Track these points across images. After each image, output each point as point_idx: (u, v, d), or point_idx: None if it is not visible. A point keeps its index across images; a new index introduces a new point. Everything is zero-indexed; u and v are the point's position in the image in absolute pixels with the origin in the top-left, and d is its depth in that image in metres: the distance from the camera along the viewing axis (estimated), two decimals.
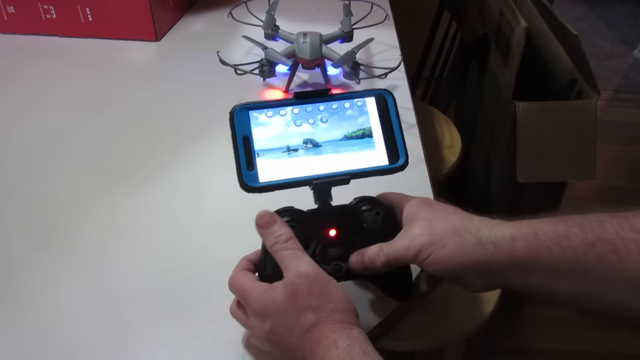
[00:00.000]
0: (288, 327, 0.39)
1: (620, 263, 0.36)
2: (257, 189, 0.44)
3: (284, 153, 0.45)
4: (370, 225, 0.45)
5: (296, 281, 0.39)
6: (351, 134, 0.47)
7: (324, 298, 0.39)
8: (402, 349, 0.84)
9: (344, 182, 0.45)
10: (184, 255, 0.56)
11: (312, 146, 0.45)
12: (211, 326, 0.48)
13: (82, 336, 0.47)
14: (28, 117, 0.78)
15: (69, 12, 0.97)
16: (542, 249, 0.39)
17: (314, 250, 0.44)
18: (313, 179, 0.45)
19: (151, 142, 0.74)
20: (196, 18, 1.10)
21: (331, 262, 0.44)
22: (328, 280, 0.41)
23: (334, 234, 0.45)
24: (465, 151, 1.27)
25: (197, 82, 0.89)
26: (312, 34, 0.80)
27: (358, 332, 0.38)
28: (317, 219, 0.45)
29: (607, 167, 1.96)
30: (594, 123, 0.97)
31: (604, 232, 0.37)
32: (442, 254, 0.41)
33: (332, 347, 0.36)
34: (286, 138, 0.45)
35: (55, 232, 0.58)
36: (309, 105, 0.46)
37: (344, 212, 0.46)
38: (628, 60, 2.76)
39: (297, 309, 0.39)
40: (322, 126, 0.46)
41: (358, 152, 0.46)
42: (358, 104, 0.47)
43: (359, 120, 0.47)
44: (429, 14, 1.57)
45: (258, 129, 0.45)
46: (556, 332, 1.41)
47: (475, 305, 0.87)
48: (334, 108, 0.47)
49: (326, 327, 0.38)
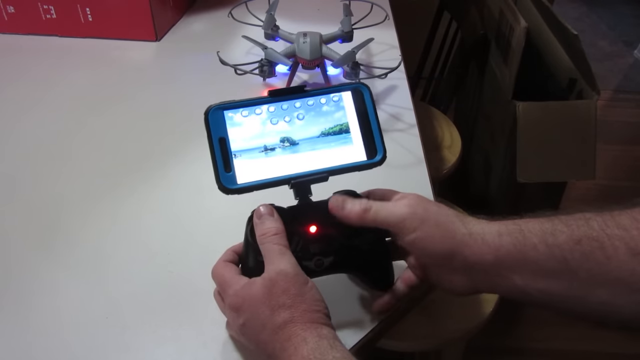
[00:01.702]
0: (261, 322, 0.40)
1: (607, 261, 0.36)
2: (235, 190, 0.43)
3: (261, 153, 0.45)
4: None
5: (275, 278, 0.40)
6: (328, 130, 0.46)
7: (299, 298, 0.40)
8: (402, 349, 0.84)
9: (323, 179, 0.45)
10: (183, 255, 0.56)
11: (289, 144, 0.45)
12: (211, 326, 0.48)
13: (82, 336, 0.47)
14: (28, 117, 0.78)
15: (69, 12, 0.97)
16: (528, 246, 0.38)
17: (296, 247, 0.44)
18: (291, 178, 0.45)
19: (151, 142, 0.74)
20: (196, 18, 1.10)
21: (312, 257, 0.45)
22: (305, 282, 0.41)
23: (315, 230, 0.45)
24: (465, 151, 1.27)
25: (197, 82, 0.89)
26: (312, 34, 0.80)
27: (328, 331, 0.39)
28: (297, 215, 0.45)
29: (607, 167, 1.96)
30: (594, 123, 0.97)
31: (590, 229, 0.37)
32: (432, 232, 0.41)
33: (302, 343, 0.38)
34: (263, 137, 0.45)
35: (55, 232, 0.58)
36: (284, 102, 0.46)
37: (323, 208, 0.46)
38: (628, 60, 2.76)
39: (271, 306, 0.40)
40: (299, 123, 0.46)
41: (335, 148, 0.46)
42: (334, 99, 0.47)
43: (336, 115, 0.47)
44: (429, 14, 1.57)
45: (234, 129, 0.45)
46: (556, 332, 1.41)
47: (475, 305, 0.87)
48: (310, 104, 0.46)
49: (297, 326, 0.39)
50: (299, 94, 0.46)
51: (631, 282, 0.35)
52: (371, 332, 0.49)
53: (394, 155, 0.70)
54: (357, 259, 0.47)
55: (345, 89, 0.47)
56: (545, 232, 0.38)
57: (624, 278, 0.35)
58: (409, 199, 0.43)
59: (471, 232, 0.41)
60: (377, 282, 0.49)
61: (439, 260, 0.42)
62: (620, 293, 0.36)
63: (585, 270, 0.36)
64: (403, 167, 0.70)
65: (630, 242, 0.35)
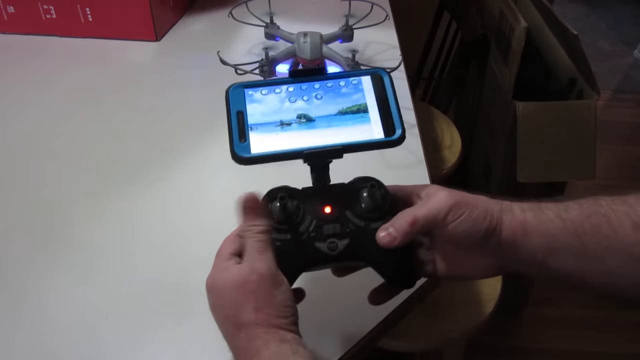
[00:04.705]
0: (224, 313, 0.40)
1: (614, 234, 0.39)
2: (249, 159, 0.43)
3: (277, 127, 0.45)
4: (367, 203, 0.44)
5: (247, 276, 0.40)
6: (346, 110, 0.46)
7: (267, 302, 0.39)
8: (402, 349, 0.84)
9: (337, 154, 0.44)
10: (184, 254, 0.56)
11: (306, 121, 0.45)
12: (211, 326, 0.48)
13: (82, 336, 0.47)
14: (28, 117, 0.78)
15: (69, 12, 0.97)
16: (546, 220, 0.41)
17: (308, 226, 0.43)
18: (305, 150, 0.44)
19: (151, 141, 0.74)
20: (196, 18, 1.10)
21: (326, 239, 0.43)
22: (278, 285, 0.40)
23: (330, 210, 0.44)
24: (465, 151, 1.27)
25: (197, 82, 0.89)
26: (312, 33, 0.80)
27: (292, 337, 0.39)
28: (312, 195, 0.44)
29: (607, 167, 1.96)
30: (594, 123, 0.97)
31: (599, 206, 0.40)
32: (475, 214, 0.41)
33: (263, 347, 0.37)
34: (280, 113, 0.45)
35: (55, 232, 0.58)
36: (304, 83, 0.46)
37: (341, 190, 0.45)
38: (628, 60, 2.76)
39: (236, 302, 0.39)
40: (317, 102, 0.46)
41: (353, 126, 0.46)
42: (353, 82, 0.47)
43: (354, 96, 0.47)
44: (429, 14, 1.57)
45: (252, 105, 0.45)
46: (556, 332, 1.41)
47: (475, 305, 0.87)
48: (329, 86, 0.47)
49: (260, 329, 0.38)
50: (319, 75, 0.47)
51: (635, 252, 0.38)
52: (371, 332, 0.49)
53: (394, 156, 0.70)
54: (374, 246, 0.43)
55: (365, 74, 0.47)
56: (559, 208, 0.41)
57: (630, 249, 0.38)
58: (441, 189, 0.43)
59: (502, 207, 0.42)
60: (396, 277, 0.45)
61: (479, 241, 0.42)
62: (627, 263, 0.39)
63: (594, 242, 0.39)
64: (403, 167, 0.70)
65: (634, 216, 0.38)
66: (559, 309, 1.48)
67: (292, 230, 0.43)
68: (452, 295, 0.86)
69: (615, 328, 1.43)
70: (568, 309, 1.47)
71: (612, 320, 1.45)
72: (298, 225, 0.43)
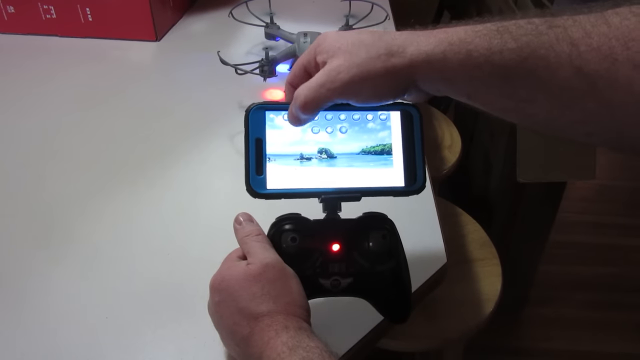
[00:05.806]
0: (236, 306, 0.40)
1: (550, 79, 0.35)
2: (264, 195, 0.42)
3: (297, 161, 0.43)
4: (375, 246, 0.44)
5: (261, 269, 0.40)
6: (369, 149, 0.44)
7: (285, 291, 0.40)
8: (402, 349, 0.84)
9: (355, 199, 0.43)
10: (184, 254, 0.56)
11: (327, 157, 0.43)
12: (211, 326, 0.48)
13: (82, 336, 0.47)
14: (27, 117, 0.78)
15: (69, 12, 0.97)
16: (474, 67, 0.37)
17: (315, 263, 0.43)
18: (323, 192, 0.43)
19: (151, 141, 0.74)
20: (196, 18, 1.10)
21: (330, 276, 0.43)
22: (293, 275, 0.41)
23: (337, 248, 0.43)
24: (465, 151, 1.27)
25: (197, 82, 0.89)
26: (312, 33, 0.80)
27: (307, 326, 0.39)
28: (322, 230, 0.44)
29: (607, 167, 1.96)
30: None
31: (540, 46, 0.35)
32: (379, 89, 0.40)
33: (283, 330, 0.37)
34: (301, 145, 0.43)
35: (54, 232, 0.58)
36: (329, 112, 0.44)
37: (350, 227, 0.44)
38: None
39: (252, 292, 0.39)
40: (340, 137, 0.44)
41: (374, 168, 0.44)
42: (382, 117, 0.45)
43: (380, 134, 0.44)
44: (429, 14, 1.57)
45: (273, 131, 0.43)
46: (556, 332, 1.41)
47: (475, 305, 0.87)
48: (355, 118, 0.44)
49: (280, 315, 0.39)
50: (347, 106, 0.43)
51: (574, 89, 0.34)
52: (371, 332, 0.49)
53: None
54: (376, 285, 0.44)
55: (395, 109, 0.45)
56: (493, 52, 0.37)
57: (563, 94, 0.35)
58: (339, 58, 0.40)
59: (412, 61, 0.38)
60: (392, 313, 0.46)
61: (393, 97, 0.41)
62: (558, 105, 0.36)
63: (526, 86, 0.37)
64: None
65: (576, 60, 0.34)
66: (559, 309, 1.48)
67: (297, 266, 0.42)
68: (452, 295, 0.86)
69: (615, 328, 1.43)
70: (568, 309, 1.48)
71: (612, 320, 1.45)
72: (304, 261, 0.43)
